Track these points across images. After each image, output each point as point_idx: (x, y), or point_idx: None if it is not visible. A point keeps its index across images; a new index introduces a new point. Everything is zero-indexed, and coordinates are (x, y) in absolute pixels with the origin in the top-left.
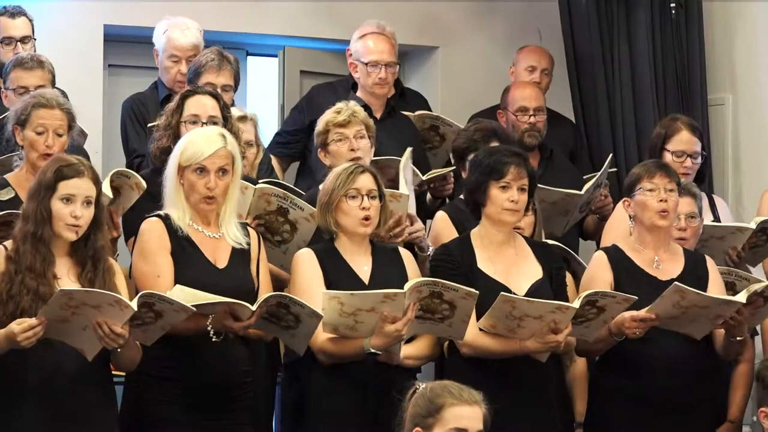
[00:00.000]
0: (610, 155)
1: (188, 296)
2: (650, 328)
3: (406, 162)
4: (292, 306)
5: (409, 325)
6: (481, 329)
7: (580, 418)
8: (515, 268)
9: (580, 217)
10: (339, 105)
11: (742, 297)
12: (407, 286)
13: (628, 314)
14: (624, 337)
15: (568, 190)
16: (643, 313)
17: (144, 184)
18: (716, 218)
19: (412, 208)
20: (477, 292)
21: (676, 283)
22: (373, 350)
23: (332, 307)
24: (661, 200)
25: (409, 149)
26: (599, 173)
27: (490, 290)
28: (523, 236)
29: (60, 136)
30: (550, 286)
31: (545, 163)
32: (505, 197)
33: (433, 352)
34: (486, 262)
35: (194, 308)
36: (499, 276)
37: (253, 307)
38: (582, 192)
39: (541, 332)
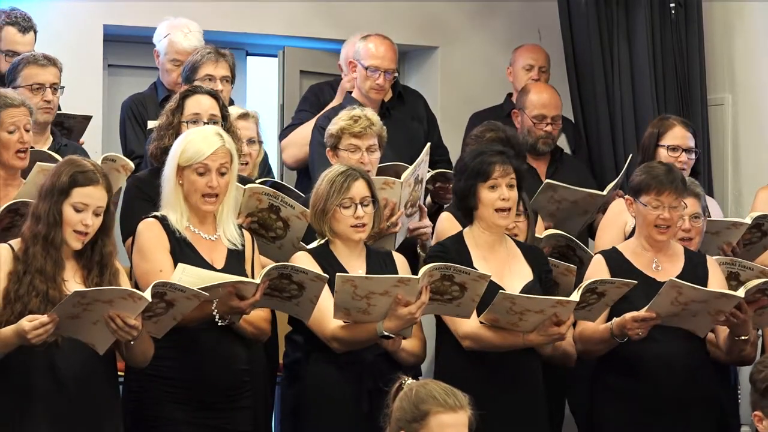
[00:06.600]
0: (630, 156)
1: (191, 276)
2: (650, 328)
3: (423, 157)
4: (294, 275)
5: (422, 308)
6: (482, 323)
7: None
8: (507, 268)
9: (595, 216)
10: (356, 111)
11: (740, 292)
12: (421, 271)
13: (629, 315)
14: (626, 339)
15: (591, 190)
16: (643, 312)
17: (132, 165)
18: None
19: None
20: (489, 274)
21: (671, 278)
22: (386, 333)
23: (345, 289)
24: (662, 218)
25: (428, 144)
26: (620, 175)
27: (486, 289)
28: (513, 239)
29: (28, 131)
30: (540, 288)
31: (555, 165)
32: (496, 197)
33: (421, 353)
34: (480, 261)
35: (207, 293)
36: (493, 276)
37: (257, 280)
38: (605, 192)
39: (543, 325)
